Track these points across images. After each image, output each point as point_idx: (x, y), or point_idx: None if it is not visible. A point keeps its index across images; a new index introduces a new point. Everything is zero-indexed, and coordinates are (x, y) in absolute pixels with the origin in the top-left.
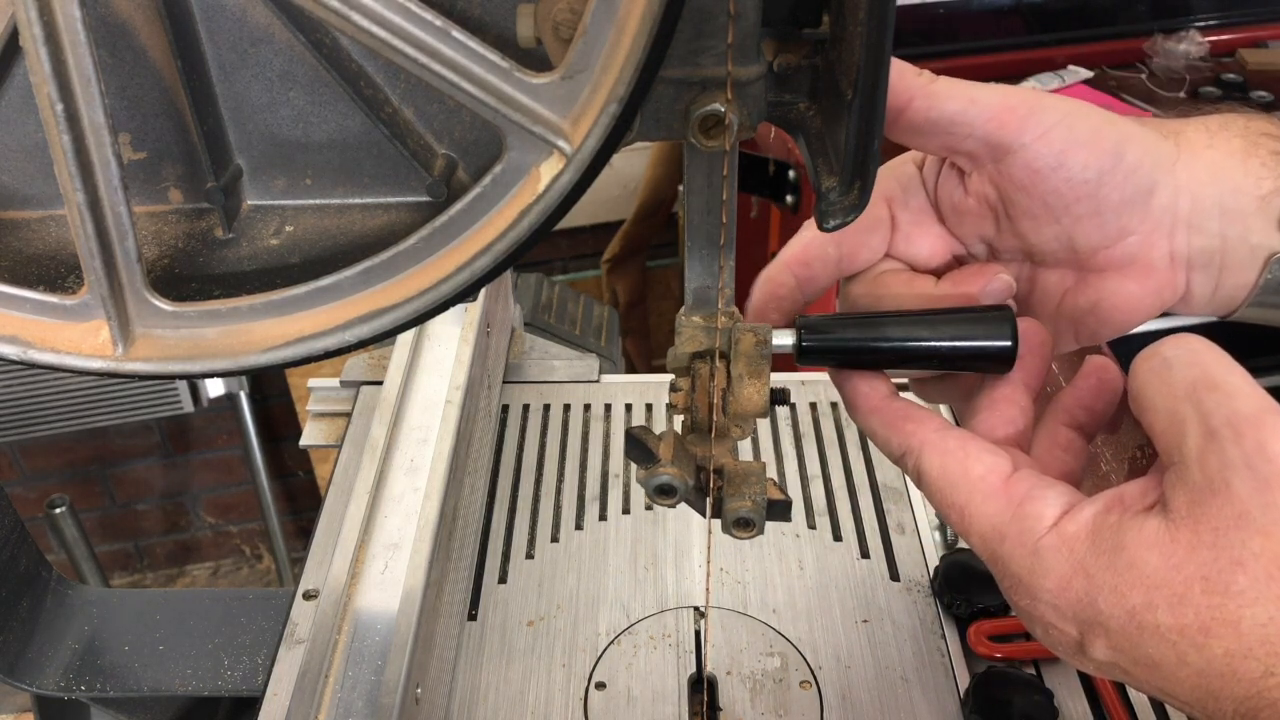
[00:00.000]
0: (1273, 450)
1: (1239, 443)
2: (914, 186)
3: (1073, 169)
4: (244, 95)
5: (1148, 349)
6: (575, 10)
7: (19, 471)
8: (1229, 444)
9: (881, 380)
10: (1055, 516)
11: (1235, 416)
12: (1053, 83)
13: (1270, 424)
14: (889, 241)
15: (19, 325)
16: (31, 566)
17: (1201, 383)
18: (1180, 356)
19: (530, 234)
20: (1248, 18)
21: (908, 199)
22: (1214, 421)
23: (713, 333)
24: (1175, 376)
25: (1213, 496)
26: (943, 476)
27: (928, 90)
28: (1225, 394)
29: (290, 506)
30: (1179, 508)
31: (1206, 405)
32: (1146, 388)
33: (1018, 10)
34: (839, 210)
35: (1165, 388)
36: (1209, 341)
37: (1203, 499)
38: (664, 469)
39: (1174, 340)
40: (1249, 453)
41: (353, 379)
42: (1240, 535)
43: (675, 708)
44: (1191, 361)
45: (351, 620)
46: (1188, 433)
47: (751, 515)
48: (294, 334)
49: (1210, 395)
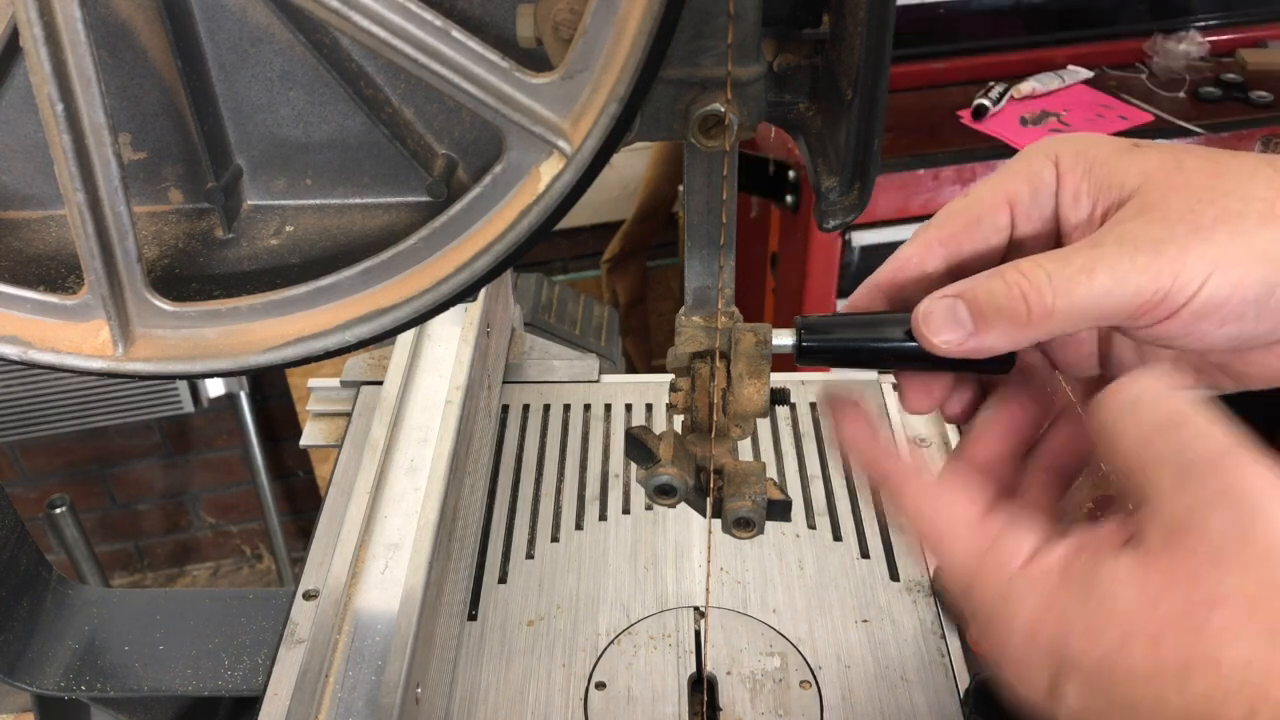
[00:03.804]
0: (1246, 486)
1: (1212, 479)
2: (1046, 196)
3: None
4: (244, 95)
5: (1110, 388)
6: (575, 10)
7: (19, 471)
8: (1202, 480)
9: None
10: (1028, 554)
11: (1207, 452)
12: (1053, 83)
13: (1242, 459)
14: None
15: (19, 325)
16: (31, 566)
17: (1171, 420)
18: (1146, 395)
19: (530, 234)
20: (1248, 18)
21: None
22: (1186, 458)
23: (713, 333)
24: (1143, 416)
25: (1187, 533)
26: (920, 510)
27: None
28: (1195, 431)
29: (290, 506)
30: (1152, 545)
31: (1178, 442)
32: (1114, 427)
33: (1018, 10)
34: (839, 210)
35: (1133, 428)
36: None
37: (1177, 536)
38: (664, 469)
39: (1136, 378)
40: (1222, 489)
41: (353, 379)
42: (1217, 572)
43: (675, 708)
44: (1158, 399)
45: (351, 620)
46: (1160, 471)
47: (751, 515)
48: (294, 334)
49: (1180, 432)
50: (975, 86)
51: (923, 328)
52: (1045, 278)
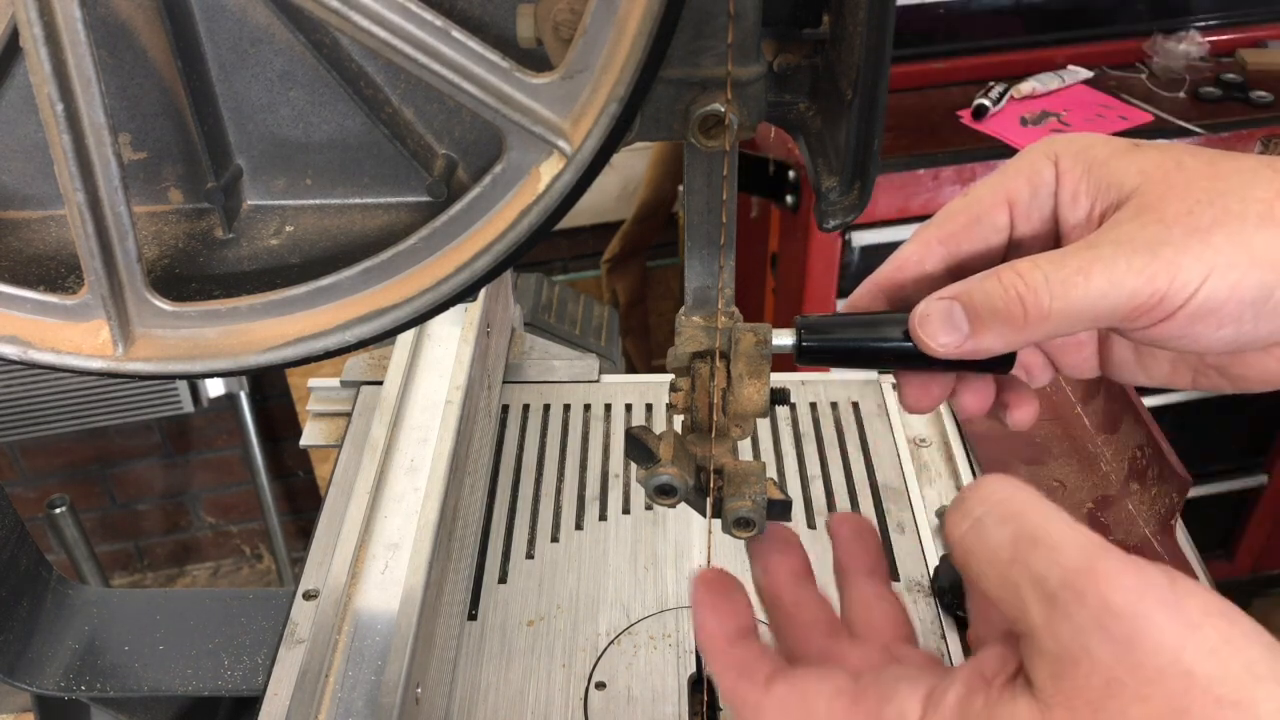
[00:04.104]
0: (1119, 603)
1: (1082, 603)
2: (1045, 196)
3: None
4: (244, 95)
5: (953, 510)
6: (575, 10)
7: (19, 471)
8: (1073, 606)
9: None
10: (919, 712)
11: (1069, 574)
12: (1053, 83)
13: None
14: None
15: (19, 325)
16: (31, 566)
17: (1022, 541)
18: (990, 514)
19: (530, 234)
20: (1248, 18)
21: (1031, 210)
22: (1049, 585)
23: (713, 333)
24: (992, 539)
25: (1074, 666)
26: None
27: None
28: (1049, 548)
29: (290, 506)
30: (1044, 683)
31: (1035, 567)
32: (968, 557)
33: (1018, 10)
34: (839, 210)
35: (987, 552)
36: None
37: (1064, 670)
38: (664, 469)
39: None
40: (1096, 612)
41: (353, 379)
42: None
43: (675, 708)
44: (1003, 517)
45: (351, 620)
46: (1027, 600)
47: (751, 515)
48: (294, 334)
49: (1035, 554)
50: (975, 86)
51: (920, 331)
52: (1042, 279)
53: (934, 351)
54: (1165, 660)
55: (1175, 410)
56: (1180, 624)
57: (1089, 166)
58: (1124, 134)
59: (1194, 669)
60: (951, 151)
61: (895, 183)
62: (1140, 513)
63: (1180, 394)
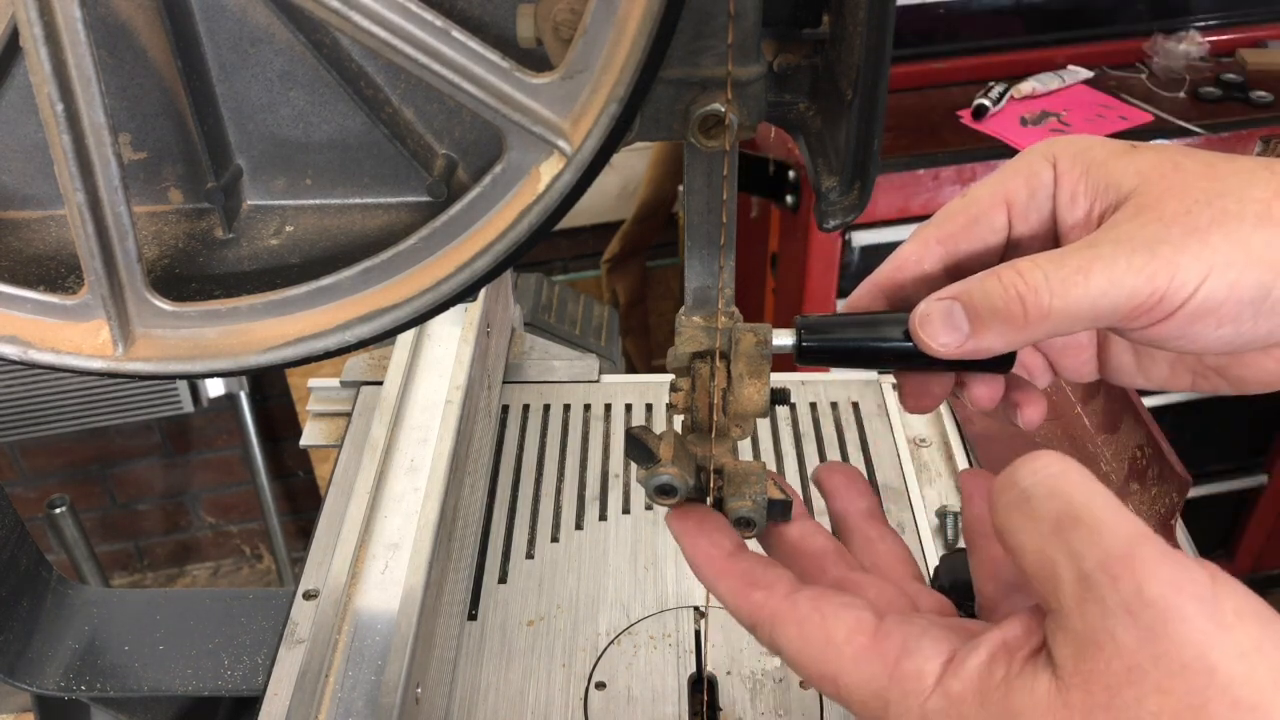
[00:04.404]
0: (1152, 593)
1: (1116, 587)
2: (1044, 196)
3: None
4: (244, 95)
5: (1003, 477)
6: (575, 10)
7: (19, 471)
8: (1106, 589)
9: (724, 534)
10: (937, 673)
11: (1107, 557)
12: (1053, 83)
13: (1144, 560)
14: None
15: (19, 325)
16: (31, 566)
17: (1065, 518)
18: (1038, 487)
19: (530, 234)
20: (1248, 18)
21: (1030, 210)
22: (1085, 565)
23: (713, 333)
24: (1036, 511)
25: (1098, 649)
26: (805, 648)
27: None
28: (1091, 529)
29: (290, 506)
30: (1065, 662)
31: (1074, 545)
32: (1009, 524)
33: (1018, 10)
34: (839, 210)
35: (1029, 524)
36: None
37: (1088, 652)
38: (664, 469)
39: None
40: (1128, 598)
41: (353, 379)
42: (1135, 693)
43: (675, 708)
44: (1051, 492)
45: (351, 620)
46: (1061, 578)
47: (752, 515)
48: (294, 334)
49: (1076, 533)
50: (975, 86)
51: (920, 331)
52: (1042, 278)
53: (935, 351)
54: (1190, 655)
55: (1175, 410)
56: (1212, 621)
57: (1087, 168)
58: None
59: (1218, 667)
60: (951, 151)
61: (895, 183)
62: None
63: (1180, 394)
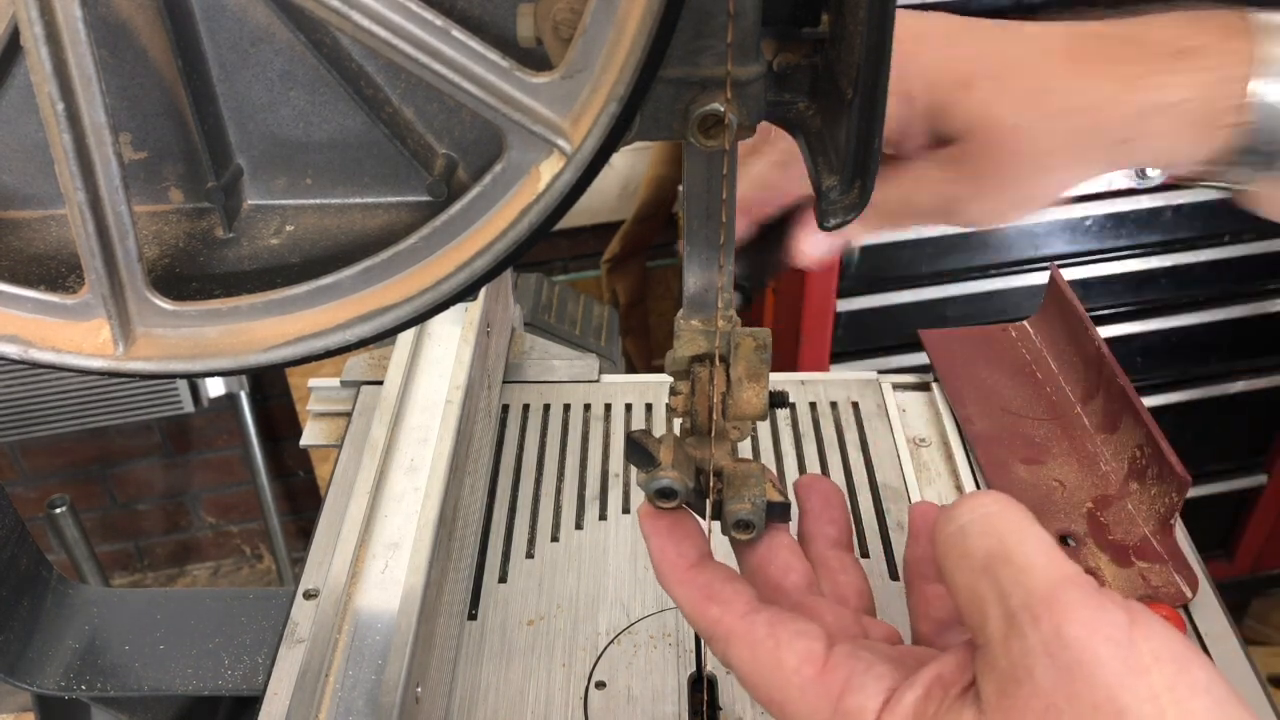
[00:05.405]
0: (1070, 635)
1: (1036, 627)
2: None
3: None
4: (245, 95)
5: (945, 513)
6: (575, 10)
7: (19, 471)
8: (1028, 628)
9: (692, 542)
10: (877, 710)
11: (1030, 597)
12: None
13: (1066, 602)
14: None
15: (19, 324)
16: (31, 566)
17: (996, 555)
18: (974, 524)
19: (530, 233)
20: None
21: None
22: (1011, 603)
23: (712, 336)
24: (970, 547)
25: (1018, 686)
26: (756, 670)
27: None
28: (1019, 569)
29: (290, 506)
30: (989, 698)
31: (1002, 583)
32: (946, 560)
33: (1018, 10)
34: (839, 209)
35: (963, 560)
36: (1005, 499)
37: (1009, 689)
38: (664, 472)
39: (969, 502)
40: (1048, 638)
41: (353, 379)
42: None
43: (675, 707)
44: (984, 530)
45: (351, 620)
46: (988, 614)
47: (751, 517)
48: (294, 333)
49: (1005, 571)
50: None
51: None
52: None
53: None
54: (1102, 696)
55: (1175, 410)
56: (1126, 665)
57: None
58: None
59: (1128, 710)
60: None
61: None
62: (1140, 512)
63: (1180, 394)
